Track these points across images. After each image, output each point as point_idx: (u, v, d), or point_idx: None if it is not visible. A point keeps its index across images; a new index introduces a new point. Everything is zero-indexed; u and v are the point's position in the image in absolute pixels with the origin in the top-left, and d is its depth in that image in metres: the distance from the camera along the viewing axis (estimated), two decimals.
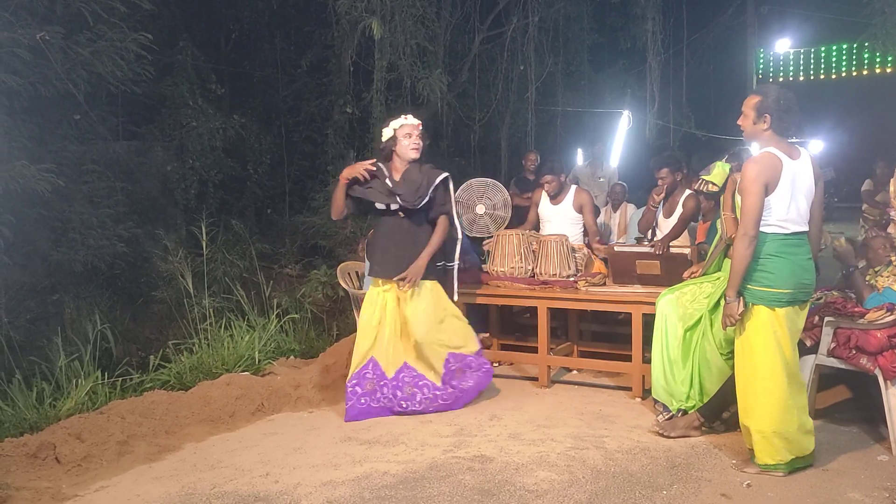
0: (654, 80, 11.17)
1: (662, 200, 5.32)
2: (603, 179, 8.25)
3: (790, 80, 16.40)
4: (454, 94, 9.58)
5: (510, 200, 6.02)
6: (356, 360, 4.39)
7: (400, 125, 4.42)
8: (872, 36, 9.58)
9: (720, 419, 3.99)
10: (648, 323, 4.45)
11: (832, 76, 16.37)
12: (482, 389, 4.61)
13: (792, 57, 16.62)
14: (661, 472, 3.47)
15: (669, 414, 4.09)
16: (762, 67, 16.49)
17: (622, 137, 11.25)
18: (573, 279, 5.08)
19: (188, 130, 8.11)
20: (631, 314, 4.70)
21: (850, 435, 3.93)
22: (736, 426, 3.62)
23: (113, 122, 7.53)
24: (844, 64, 16.08)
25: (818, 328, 4.01)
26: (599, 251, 5.37)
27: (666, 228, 5.28)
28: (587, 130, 11.88)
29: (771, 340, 3.33)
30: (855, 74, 16.11)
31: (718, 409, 3.93)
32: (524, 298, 5.11)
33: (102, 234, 6.47)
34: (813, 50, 16.35)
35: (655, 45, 11.04)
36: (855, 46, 15.22)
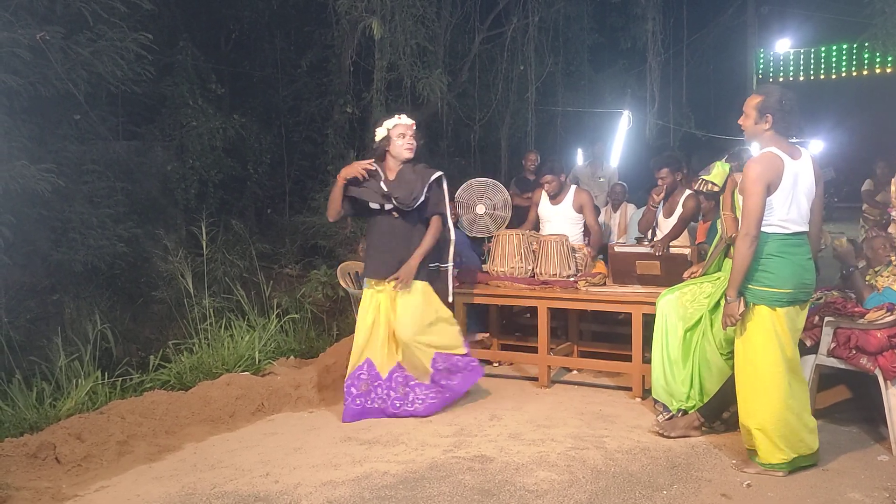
0: (654, 80, 11.17)
1: (662, 200, 5.32)
2: (603, 179, 8.25)
3: (790, 80, 16.39)
4: (454, 94, 9.57)
5: (510, 200, 6.03)
6: (352, 360, 4.39)
7: (394, 125, 4.39)
8: (873, 36, 9.58)
9: (720, 419, 3.99)
10: (648, 323, 4.46)
11: (832, 76, 16.36)
12: (471, 385, 4.59)
13: (792, 57, 16.61)
14: (661, 472, 3.47)
15: (669, 414, 4.09)
16: (762, 67, 16.48)
17: (622, 137, 11.25)
18: (573, 279, 5.08)
19: (188, 130, 8.10)
20: (631, 314, 4.71)
21: (850, 435, 3.93)
22: (736, 426, 3.62)
23: (113, 122, 7.52)
24: (844, 64, 16.07)
25: (818, 328, 4.01)
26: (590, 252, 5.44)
27: (666, 228, 5.28)
28: (587, 130, 11.88)
29: (772, 340, 3.34)
30: (855, 74, 16.10)
31: (718, 409, 3.94)
32: (524, 298, 5.11)
33: (102, 234, 6.46)
34: (813, 50, 16.35)
35: (655, 45, 11.04)
36: (855, 46, 15.22)
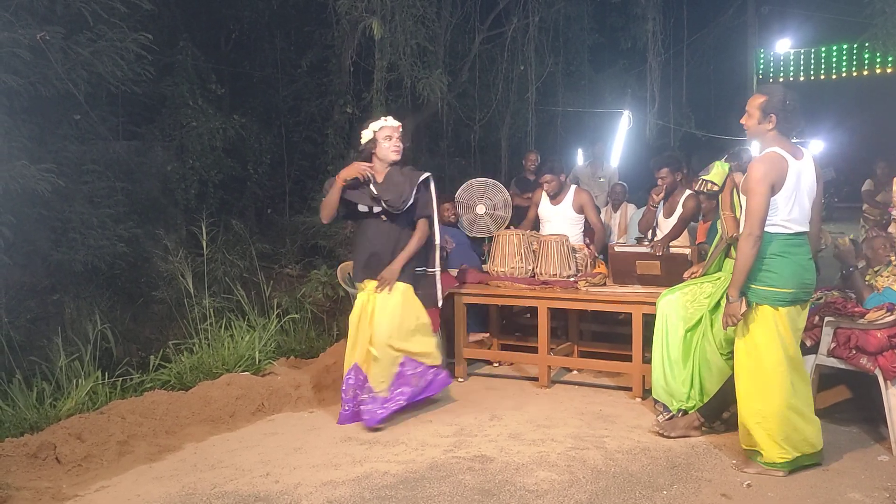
0: (654, 80, 11.16)
1: (662, 200, 5.32)
2: (603, 179, 8.25)
3: (790, 80, 16.37)
4: (454, 94, 9.56)
5: (510, 200, 6.03)
6: (345, 366, 4.34)
7: (380, 127, 4.34)
8: (873, 36, 9.57)
9: (720, 419, 3.99)
10: (648, 323, 4.46)
11: (832, 76, 16.34)
12: (435, 394, 4.50)
13: (792, 57, 16.60)
14: (661, 472, 3.47)
15: (669, 414, 4.09)
16: (762, 67, 16.47)
17: (622, 137, 11.24)
18: (573, 279, 5.08)
19: (188, 130, 8.09)
20: (631, 314, 4.71)
21: (850, 435, 3.93)
22: (736, 426, 3.61)
23: (113, 122, 7.51)
24: (845, 64, 16.05)
25: (818, 328, 4.01)
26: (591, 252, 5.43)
27: (666, 228, 5.28)
28: (587, 130, 11.87)
29: (775, 339, 3.34)
30: (855, 75, 16.08)
31: (718, 409, 3.94)
32: (524, 298, 5.11)
33: (102, 234, 6.45)
34: (813, 50, 16.33)
35: (656, 45, 11.03)
36: (855, 47, 15.21)
